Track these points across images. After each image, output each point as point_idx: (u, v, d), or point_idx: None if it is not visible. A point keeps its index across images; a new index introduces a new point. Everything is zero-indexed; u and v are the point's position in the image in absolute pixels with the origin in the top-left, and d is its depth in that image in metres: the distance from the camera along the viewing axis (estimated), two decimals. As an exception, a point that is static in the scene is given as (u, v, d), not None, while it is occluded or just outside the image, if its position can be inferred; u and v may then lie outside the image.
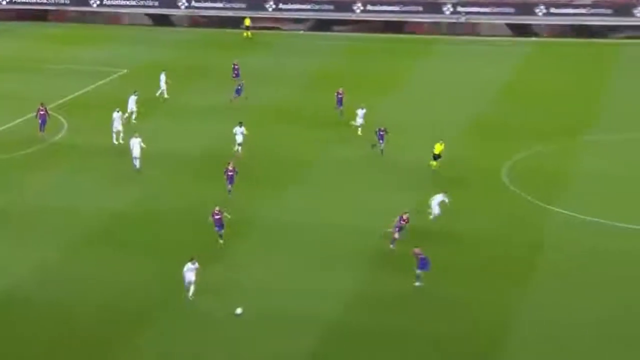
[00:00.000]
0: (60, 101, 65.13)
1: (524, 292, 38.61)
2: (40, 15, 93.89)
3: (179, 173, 52.02)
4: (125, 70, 74.62)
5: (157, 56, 78.75)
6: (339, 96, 60.60)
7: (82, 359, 34.13)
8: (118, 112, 56.56)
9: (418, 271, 38.37)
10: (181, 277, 38.14)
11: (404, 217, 41.99)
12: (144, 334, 35.73)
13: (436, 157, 51.37)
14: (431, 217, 44.43)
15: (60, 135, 58.29)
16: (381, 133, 53.22)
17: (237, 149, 52.94)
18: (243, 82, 64.77)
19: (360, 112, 57.22)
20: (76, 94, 68.03)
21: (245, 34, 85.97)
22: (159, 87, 65.59)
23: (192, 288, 37.23)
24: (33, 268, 40.82)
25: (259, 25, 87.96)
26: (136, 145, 51.35)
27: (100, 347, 34.64)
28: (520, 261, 41.31)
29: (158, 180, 50.81)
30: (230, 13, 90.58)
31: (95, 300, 38.23)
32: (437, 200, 44.68)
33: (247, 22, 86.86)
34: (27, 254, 42.09)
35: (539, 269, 40.67)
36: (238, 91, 63.81)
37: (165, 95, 65.28)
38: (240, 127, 53.47)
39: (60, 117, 60.66)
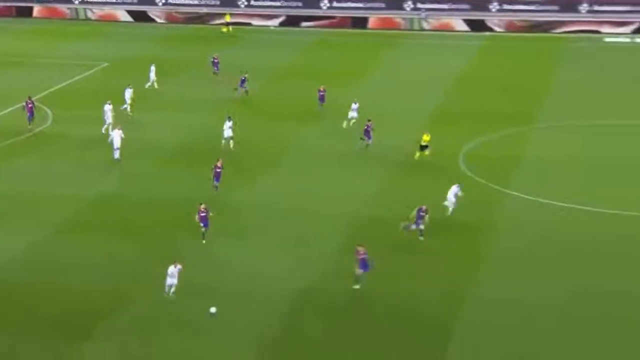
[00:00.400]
0: (45, 93, 64.47)
1: (479, 273, 38.39)
2: (25, 12, 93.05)
3: (159, 162, 51.24)
4: (106, 64, 74.04)
5: (137, 51, 78.30)
6: (321, 93, 59.57)
7: (64, 336, 33.57)
8: (109, 104, 55.63)
9: (359, 271, 36.10)
10: (157, 258, 37.86)
11: (423, 208, 40.75)
12: (122, 312, 35.21)
13: (423, 147, 50.36)
14: (450, 209, 42.93)
15: (45, 125, 57.59)
16: (368, 128, 52.13)
17: (229, 143, 51.54)
18: (247, 74, 63.48)
19: (354, 106, 55.98)
20: (60, 86, 67.45)
21: (225, 29, 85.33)
22: (148, 79, 64.85)
23: (172, 289, 35.49)
24: (16, 251, 40.19)
25: (232, 20, 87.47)
26: (117, 136, 50.49)
27: (80, 325, 34.14)
28: (476, 242, 41.17)
29: (138, 169, 50.04)
30: (205, 10, 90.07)
31: (75, 281, 37.72)
32: (452, 192, 43.23)
33: (228, 18, 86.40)
34: (11, 237, 41.45)
35: (494, 250, 40.54)
36: (242, 83, 62.84)
37: (156, 86, 64.49)
38: (229, 121, 52.00)
39: (45, 107, 59.96)
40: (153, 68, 65.56)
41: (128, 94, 59.24)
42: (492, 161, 50.65)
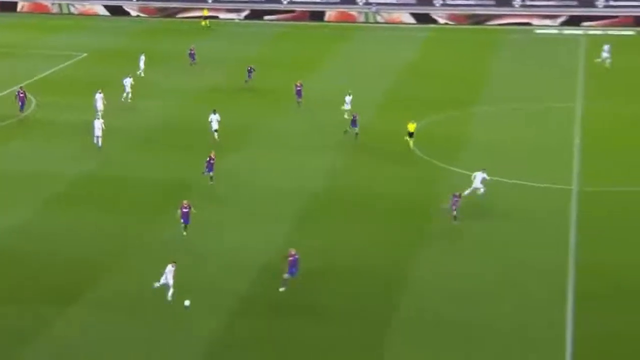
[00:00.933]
0: (29, 81, 63.52)
1: (423, 236, 38.71)
2: (9, 7, 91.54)
3: (139, 146, 50.70)
4: (85, 54, 73.10)
5: (113, 42, 77.49)
6: (298, 88, 57.50)
7: (52, 300, 33.49)
8: (100, 92, 54.70)
9: (286, 275, 33.68)
10: (137, 233, 37.91)
11: (457, 194, 39.73)
12: (104, 279, 35.18)
13: (411, 134, 49.31)
14: (481, 191, 41.63)
15: (29, 111, 56.78)
16: (354, 119, 51.04)
17: (216, 136, 49.95)
18: (253, 66, 62.56)
19: (348, 98, 54.24)
20: (42, 75, 66.56)
21: (203, 23, 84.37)
22: (138, 67, 64.05)
23: (170, 291, 32.97)
24: (8, 224, 39.89)
25: (199, 15, 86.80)
26: (98, 125, 49.35)
27: (66, 291, 34.10)
28: (421, 211, 41.42)
29: (118, 151, 49.44)
30: (175, 4, 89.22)
31: (61, 252, 37.57)
32: (478, 178, 41.86)
33: (205, 12, 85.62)
34: (2, 212, 41.14)
35: (437, 217, 40.80)
36: (250, 73, 61.97)
37: (142, 75, 63.65)
38: (215, 114, 50.17)
39: (29, 94, 59.14)
40: (143, 57, 64.82)
41: (128, 82, 58.26)
42: (436, 141, 50.88)
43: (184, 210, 38.21)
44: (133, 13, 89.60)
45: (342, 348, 30.26)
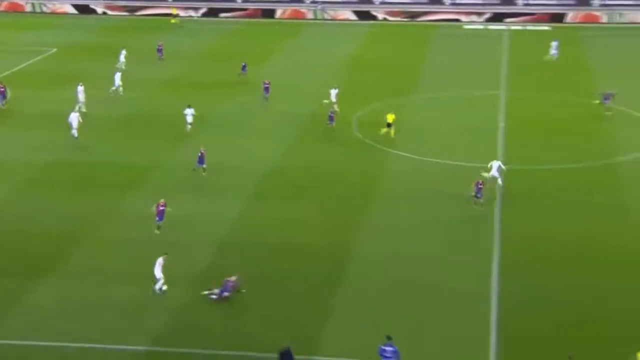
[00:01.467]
0: (2, 75, 62.26)
1: (365, 213, 38.96)
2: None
3: (110, 134, 49.87)
4: (55, 50, 71.81)
5: (81, 38, 76.23)
6: (265, 85, 55.41)
7: (25, 273, 33.34)
8: (81, 86, 53.57)
9: (225, 293, 31.32)
10: (106, 211, 38.02)
11: (480, 182, 38.92)
12: (76, 251, 35.04)
13: (389, 125, 48.19)
14: (499, 180, 40.59)
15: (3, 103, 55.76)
16: (331, 115, 49.54)
17: (188, 128, 48.78)
18: (245, 62, 61.63)
19: (333, 92, 52.74)
20: (15, 69, 65.21)
21: (173, 20, 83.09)
22: (118, 60, 63.23)
23: (159, 282, 31.79)
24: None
25: (163, 12, 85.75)
26: (74, 119, 48.16)
27: (41, 262, 34.07)
28: (364, 188, 41.70)
29: (90, 139, 48.59)
30: (138, 3, 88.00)
31: (33, 229, 37.27)
32: (495, 166, 40.75)
33: (174, 11, 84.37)
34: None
35: (379, 194, 41.09)
36: (244, 68, 61.05)
37: (124, 67, 62.50)
38: (190, 108, 48.83)
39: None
40: (124, 52, 63.69)
41: (118, 77, 57.16)
42: (378, 126, 51.06)
43: (160, 208, 36.28)
44: (99, 11, 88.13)
45: (292, 319, 30.27)
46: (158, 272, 31.77)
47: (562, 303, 31.19)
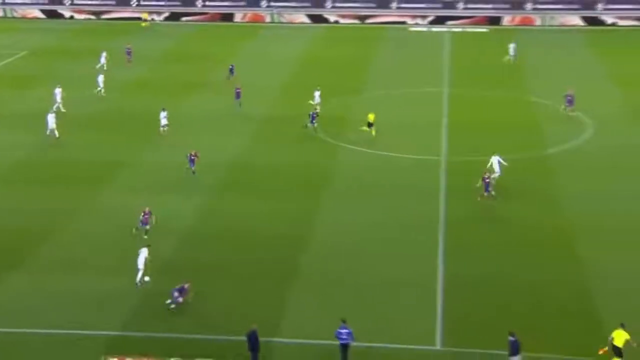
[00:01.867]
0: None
1: (319, 203, 39.03)
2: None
3: (81, 133, 49.11)
4: (25, 52, 70.41)
5: (50, 41, 74.83)
6: (237, 91, 53.40)
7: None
8: (59, 87, 52.53)
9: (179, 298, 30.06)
10: (74, 206, 37.52)
11: (486, 175, 38.35)
12: (45, 246, 34.62)
13: (370, 124, 47.15)
14: (495, 176, 39.70)
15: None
16: (314, 115, 48.67)
17: (163, 129, 47.41)
18: (234, 64, 60.53)
19: (317, 93, 51.60)
20: (-13, 71, 64.12)
21: (143, 24, 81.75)
22: (98, 62, 62.48)
23: (139, 274, 31.30)
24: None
25: (126, 16, 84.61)
26: (51, 119, 47.15)
27: (11, 256, 33.66)
28: (318, 181, 41.72)
29: (62, 138, 47.71)
30: (103, 8, 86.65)
31: (6, 224, 36.56)
32: (495, 161, 40.23)
33: (145, 15, 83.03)
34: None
35: (331, 186, 41.20)
36: (231, 71, 60.01)
37: (105, 68, 61.54)
38: (164, 111, 47.58)
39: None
40: (104, 54, 62.84)
41: (101, 79, 56.24)
42: (330, 121, 51.15)
43: (145, 216, 34.93)
44: (67, 15, 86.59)
45: (252, 304, 30.28)
46: (141, 263, 31.28)
47: (504, 286, 31.50)
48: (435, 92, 58.25)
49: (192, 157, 41.83)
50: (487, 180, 38.42)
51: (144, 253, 31.51)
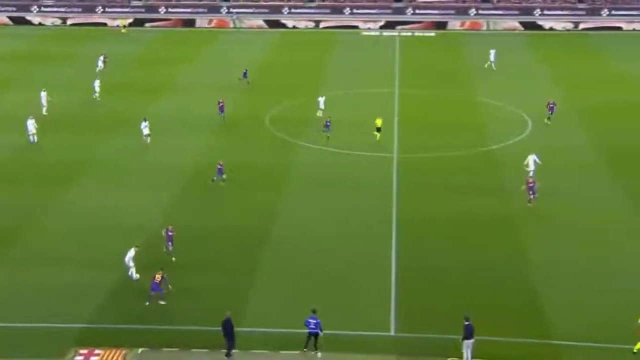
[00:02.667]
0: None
1: (280, 199, 38.95)
2: None
3: (55, 134, 48.13)
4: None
5: (19, 47, 73.02)
6: (220, 104, 50.63)
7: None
8: (44, 91, 51.43)
9: (151, 292, 29.49)
10: (44, 203, 37.12)
11: (530, 180, 37.36)
12: (15, 245, 33.96)
13: (378, 129, 46.52)
14: (531, 173, 39.20)
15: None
16: (328, 123, 46.93)
17: (146, 139, 45.71)
18: (247, 69, 59.21)
19: (321, 100, 50.83)
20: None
21: (123, 30, 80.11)
22: (96, 65, 61.55)
23: (131, 270, 30.96)
24: None
25: (91, 21, 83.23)
26: (31, 124, 45.93)
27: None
28: (278, 178, 41.64)
29: (45, 138, 46.88)
30: (70, 15, 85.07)
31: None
32: (531, 160, 39.61)
33: (123, 22, 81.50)
34: None
35: (291, 182, 41.14)
36: (245, 75, 58.80)
37: (103, 69, 60.71)
38: (145, 122, 45.69)
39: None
40: (102, 58, 61.80)
41: (97, 83, 55.17)
42: (289, 122, 51.09)
43: (169, 233, 32.86)
44: (35, 21, 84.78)
45: (219, 294, 30.15)
46: (129, 261, 30.85)
47: (455, 275, 31.78)
48: (387, 92, 58.50)
49: (220, 167, 40.00)
50: (531, 184, 37.51)
51: (131, 253, 31.08)
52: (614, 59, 68.22)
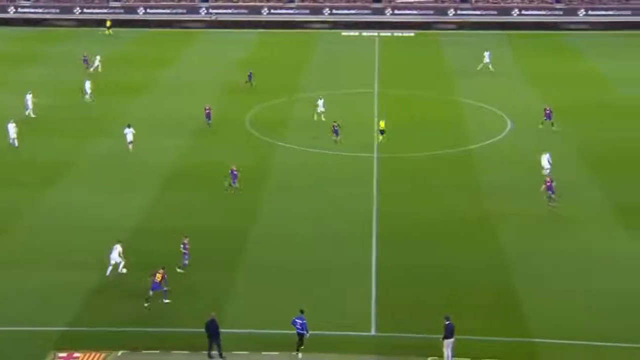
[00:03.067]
0: None
1: (260, 197, 38.85)
2: None
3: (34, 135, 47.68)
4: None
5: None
6: (207, 111, 49.20)
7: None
8: (30, 93, 50.89)
9: (150, 292, 29.38)
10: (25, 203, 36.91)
11: (548, 179, 37.07)
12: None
13: (382, 132, 45.99)
14: (546, 172, 39.45)
15: None
16: (335, 128, 46.25)
17: (129, 146, 44.57)
18: (251, 70, 58.62)
19: (320, 102, 49.96)
20: None
21: (107, 32, 79.37)
22: (93, 64, 61.65)
23: (120, 265, 31.16)
24: None
25: (70, 24, 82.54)
26: (12, 128, 45.19)
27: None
28: (258, 177, 41.50)
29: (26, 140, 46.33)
30: (47, 16, 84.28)
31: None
32: (544, 159, 39.90)
33: (108, 23, 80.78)
34: None
35: (270, 180, 41.04)
36: (250, 77, 58.15)
37: (99, 70, 60.90)
38: (129, 128, 44.64)
39: None
40: (99, 57, 61.80)
41: (87, 84, 54.67)
42: (268, 122, 50.98)
43: (185, 246, 31.75)
44: (13, 22, 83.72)
45: (195, 294, 30.01)
46: (115, 257, 30.85)
47: (434, 274, 31.83)
48: (367, 92, 58.56)
49: (235, 172, 38.70)
50: (549, 183, 37.24)
51: (117, 249, 31.03)
52: (591, 58, 68.87)
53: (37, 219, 36.40)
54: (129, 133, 45.30)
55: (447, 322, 26.22)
